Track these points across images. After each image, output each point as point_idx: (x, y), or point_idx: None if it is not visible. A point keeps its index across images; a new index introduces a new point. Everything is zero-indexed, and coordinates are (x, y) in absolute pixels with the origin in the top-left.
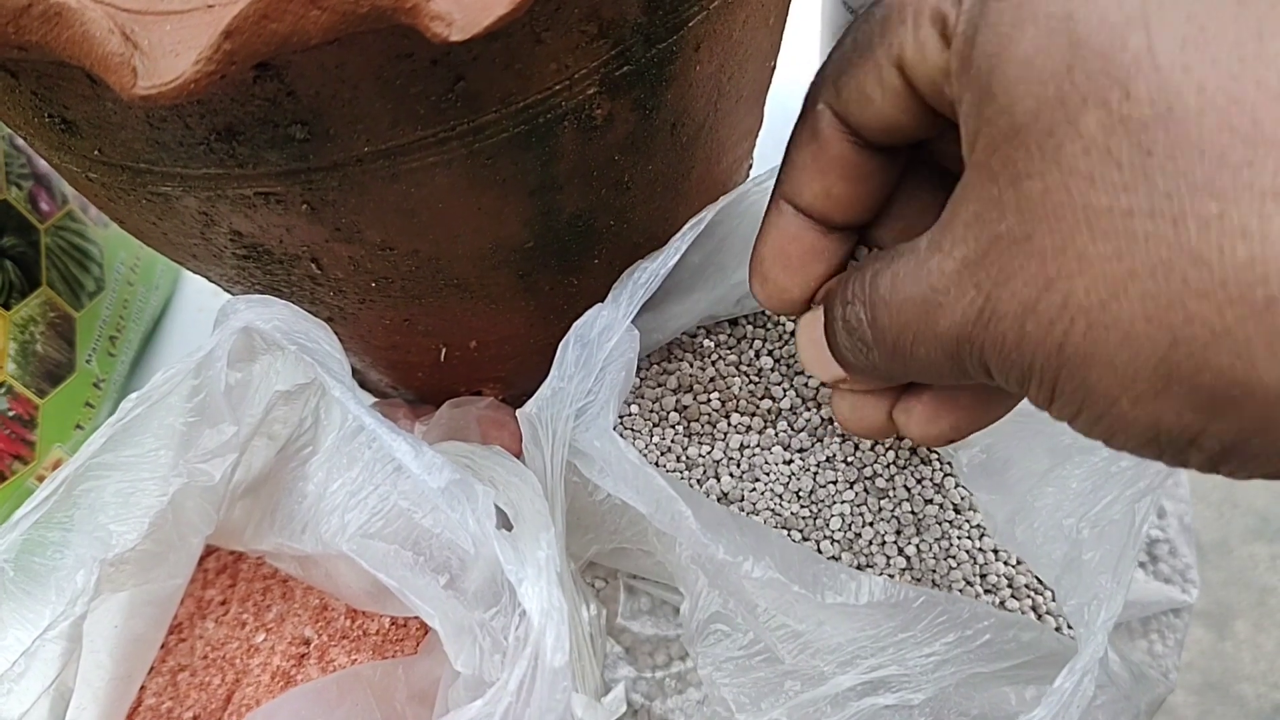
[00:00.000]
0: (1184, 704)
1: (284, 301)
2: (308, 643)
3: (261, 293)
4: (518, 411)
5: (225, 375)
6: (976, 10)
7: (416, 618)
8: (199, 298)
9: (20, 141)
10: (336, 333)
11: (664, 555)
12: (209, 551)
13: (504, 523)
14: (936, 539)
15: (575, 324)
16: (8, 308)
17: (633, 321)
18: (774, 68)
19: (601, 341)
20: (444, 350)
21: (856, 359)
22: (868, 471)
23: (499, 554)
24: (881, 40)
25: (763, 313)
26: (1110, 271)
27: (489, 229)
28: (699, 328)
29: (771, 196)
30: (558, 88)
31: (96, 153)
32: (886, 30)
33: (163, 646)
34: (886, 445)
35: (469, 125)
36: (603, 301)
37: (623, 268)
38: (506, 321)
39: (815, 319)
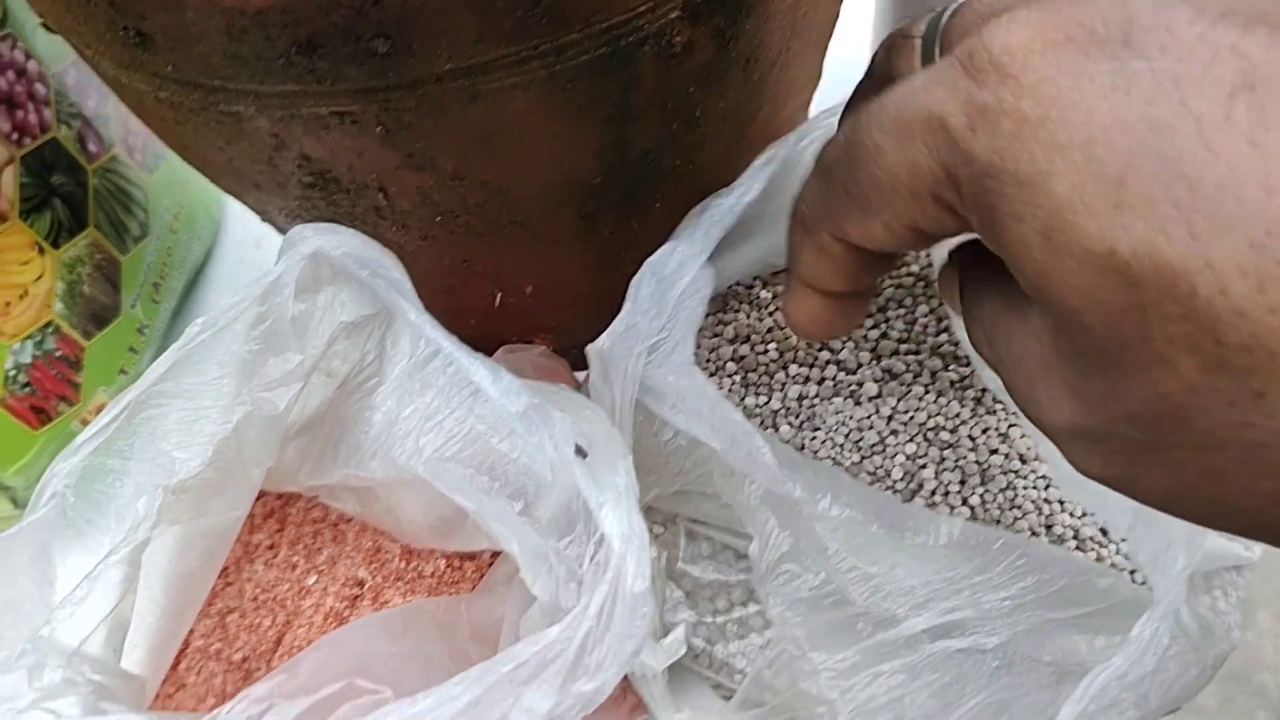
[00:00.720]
0: (1205, 693)
1: (352, 230)
2: (361, 584)
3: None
4: (588, 348)
5: (292, 303)
6: (992, 229)
7: (473, 560)
8: (240, 250)
9: (70, 81)
10: None
11: (731, 497)
12: (255, 497)
13: (579, 453)
14: (1001, 489)
15: (649, 260)
16: (56, 246)
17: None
18: (838, 15)
19: (676, 278)
20: (499, 295)
21: None
22: (930, 423)
23: (579, 479)
24: (882, 207)
25: None
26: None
27: (561, 160)
28: (754, 278)
29: (791, 276)
30: (641, 9)
31: (169, 69)
32: (885, 203)
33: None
34: (950, 396)
35: (551, 45)
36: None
37: (681, 215)
38: (564, 266)
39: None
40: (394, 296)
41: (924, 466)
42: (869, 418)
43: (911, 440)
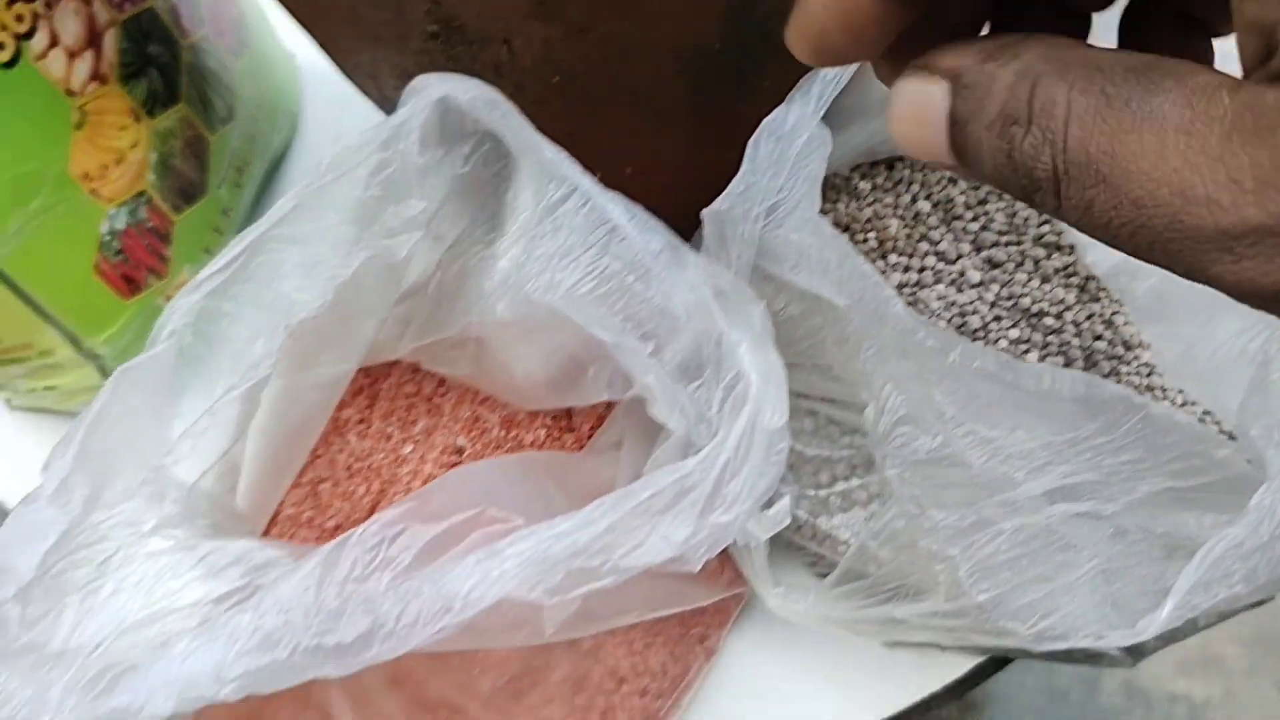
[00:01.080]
0: (1233, 655)
1: (476, 79)
2: (460, 451)
3: None
4: (704, 212)
5: (416, 149)
6: None
7: (572, 433)
8: (316, 146)
9: None
10: None
11: (843, 366)
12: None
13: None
14: (1105, 375)
15: (766, 120)
16: (151, 116)
17: None
18: None
19: (793, 136)
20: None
21: (1000, 176)
22: (1035, 308)
23: (717, 317)
24: None
25: None
26: None
27: (687, 17)
28: (852, 169)
29: None
30: None
31: None
32: None
33: None
34: (1054, 282)
35: None
36: None
37: (783, 98)
38: (666, 145)
39: (923, 95)
40: (528, 135)
41: (1028, 352)
42: (972, 303)
43: (1015, 326)
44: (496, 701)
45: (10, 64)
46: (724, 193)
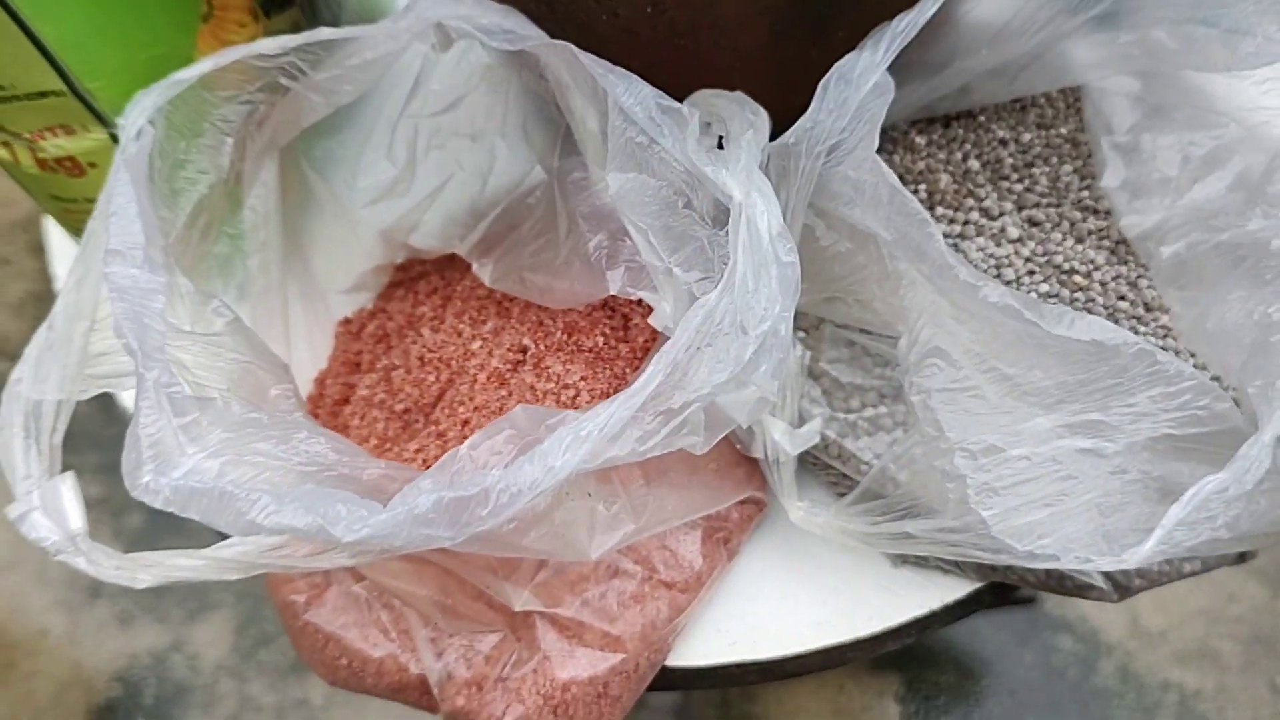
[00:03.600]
0: (1230, 650)
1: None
2: (524, 350)
3: (534, 12)
4: (770, 144)
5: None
6: None
7: (627, 343)
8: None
9: None
10: None
11: (883, 300)
12: (419, 275)
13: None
14: None
15: (837, 64)
16: (268, 16)
17: None
18: None
19: (860, 82)
20: None
21: None
22: (1066, 265)
23: (694, 159)
24: None
25: (972, 114)
26: None
27: None
28: (909, 123)
29: None
30: None
31: None
32: None
33: (370, 354)
34: (1088, 244)
35: None
36: None
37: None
38: (743, 82)
39: None
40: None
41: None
42: (1008, 257)
43: (1046, 281)
44: (539, 573)
45: None
46: (792, 128)
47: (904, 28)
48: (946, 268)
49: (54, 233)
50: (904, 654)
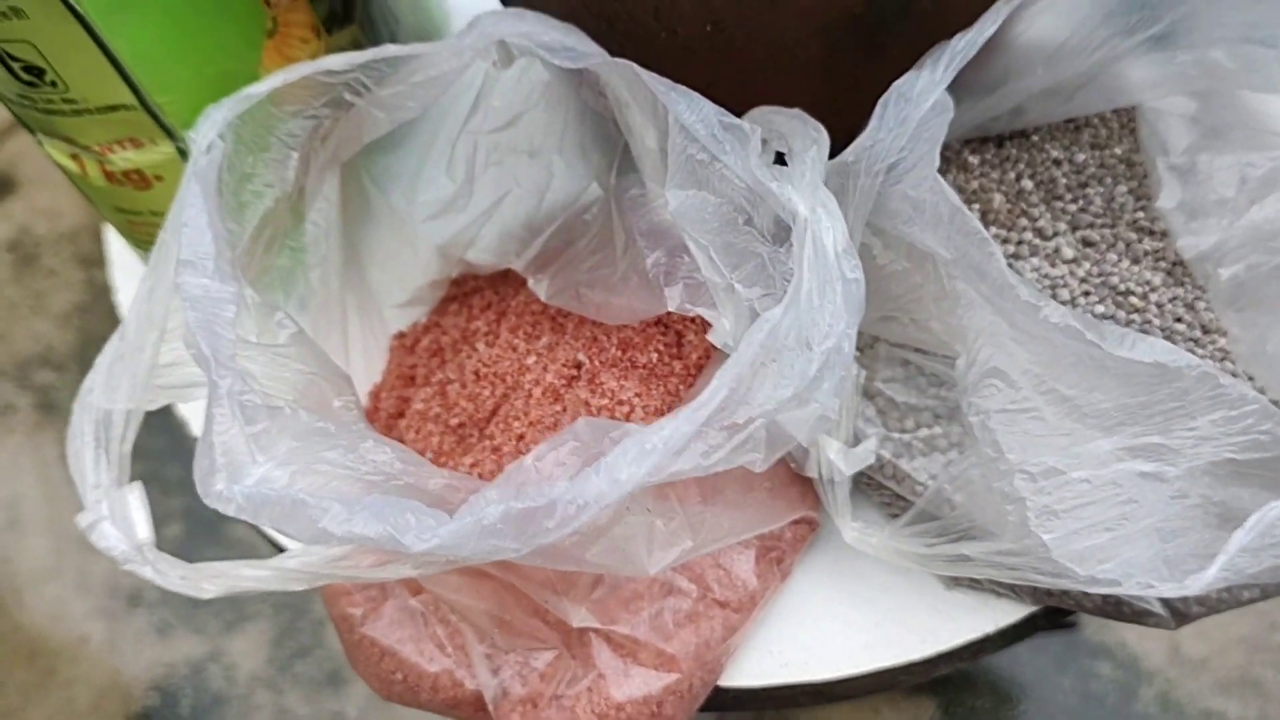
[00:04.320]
0: (1273, 681)
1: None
2: (579, 366)
3: (594, 29)
4: (830, 162)
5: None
6: None
7: (680, 360)
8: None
9: None
10: None
11: (941, 319)
12: (473, 290)
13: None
14: None
15: (896, 83)
16: (330, 33)
17: None
18: None
19: (920, 100)
20: None
21: None
22: (1122, 286)
23: (758, 175)
24: None
25: (1025, 134)
26: None
27: None
28: (962, 142)
29: None
30: None
31: None
32: None
33: (424, 368)
34: (1144, 265)
35: None
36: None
37: (906, 70)
38: (795, 99)
39: None
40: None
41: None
42: (1064, 278)
43: (1101, 302)
44: (596, 590)
45: None
46: (851, 146)
47: (963, 46)
48: (1007, 287)
49: (115, 243)
50: (940, 678)
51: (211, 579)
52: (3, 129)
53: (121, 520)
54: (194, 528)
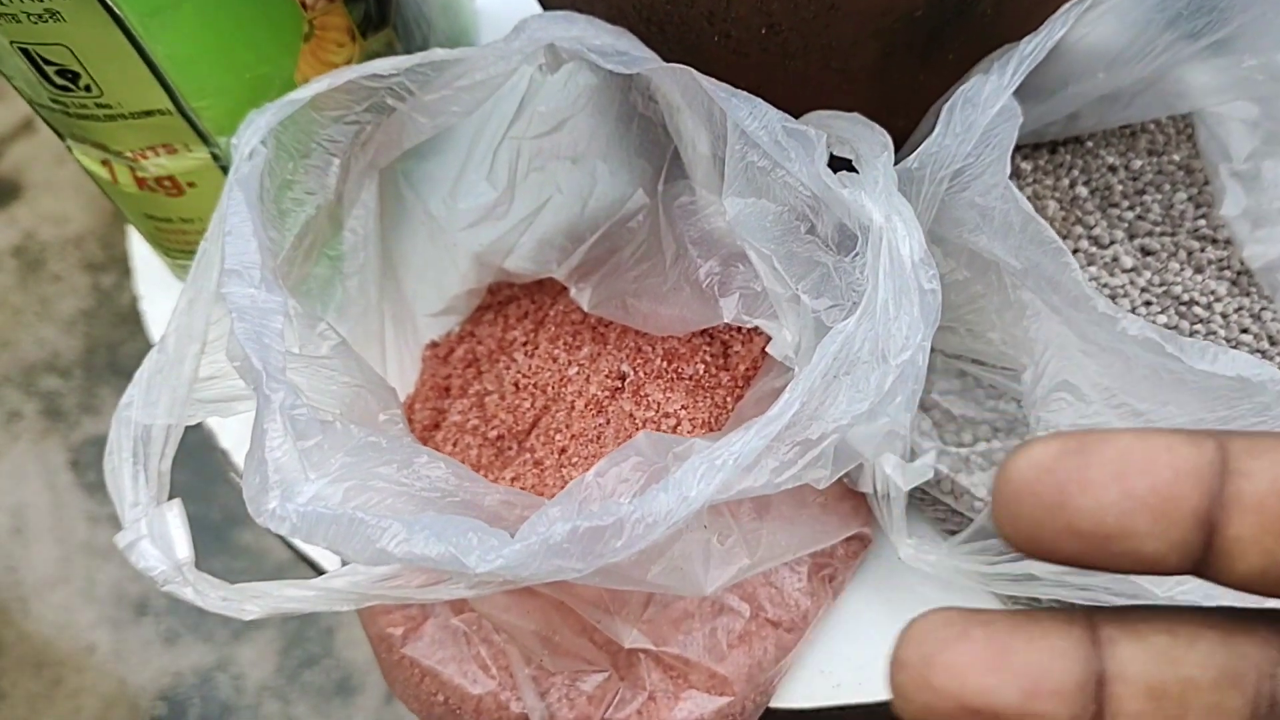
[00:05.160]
0: None
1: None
2: (623, 378)
3: (644, 33)
4: (896, 167)
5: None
6: None
7: (728, 371)
8: None
9: None
10: None
11: (1003, 330)
12: (508, 299)
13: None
14: None
15: (962, 88)
16: (364, 37)
17: None
18: None
19: (988, 106)
20: None
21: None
22: (1185, 296)
23: (825, 180)
24: None
25: (1080, 140)
26: None
27: None
28: (1016, 149)
29: None
30: None
31: None
32: None
33: (459, 379)
34: (1207, 274)
35: None
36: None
37: (961, 75)
38: (848, 101)
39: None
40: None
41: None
42: (1124, 287)
43: (1164, 312)
44: (648, 609)
45: None
46: (916, 152)
47: (1032, 50)
48: (1084, 299)
49: (139, 251)
50: None
51: (254, 599)
52: (9, 134)
53: (161, 539)
54: (200, 534)
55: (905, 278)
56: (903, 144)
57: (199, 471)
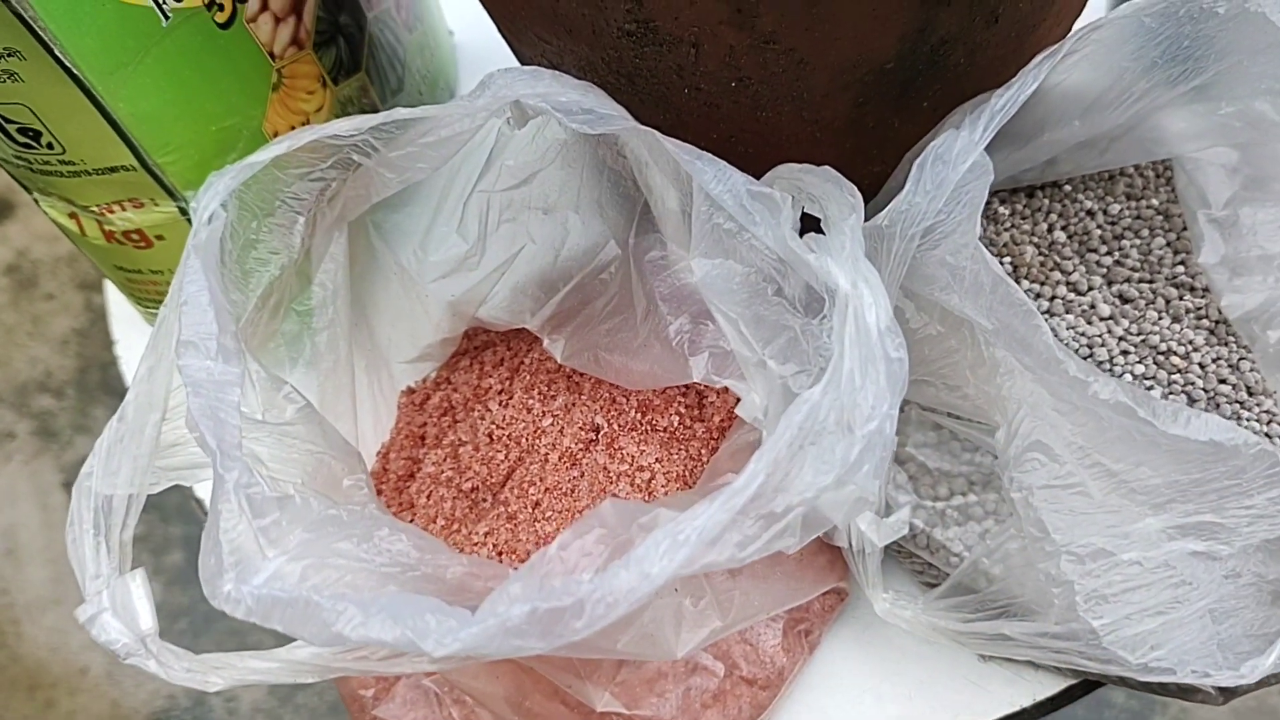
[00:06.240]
0: None
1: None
2: (597, 430)
3: (614, 84)
4: (864, 225)
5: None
6: None
7: (703, 423)
8: None
9: None
10: None
11: (978, 386)
12: (485, 345)
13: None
14: (1225, 419)
15: (932, 144)
16: (335, 83)
17: None
18: None
19: (958, 162)
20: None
21: None
22: (1163, 346)
23: (791, 245)
24: None
25: (1058, 184)
26: None
27: (868, 35)
28: (993, 194)
29: None
30: None
31: None
32: None
33: (435, 427)
34: (1185, 323)
35: None
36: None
37: (935, 124)
38: (821, 152)
39: None
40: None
41: (1151, 388)
42: (1100, 336)
43: (1141, 362)
44: (620, 672)
45: (227, 24)
46: (886, 209)
47: (1003, 105)
48: (1054, 362)
49: (113, 295)
50: None
51: (217, 670)
52: None
53: (124, 611)
54: (194, 556)
55: (871, 346)
56: (879, 187)
57: (196, 521)
